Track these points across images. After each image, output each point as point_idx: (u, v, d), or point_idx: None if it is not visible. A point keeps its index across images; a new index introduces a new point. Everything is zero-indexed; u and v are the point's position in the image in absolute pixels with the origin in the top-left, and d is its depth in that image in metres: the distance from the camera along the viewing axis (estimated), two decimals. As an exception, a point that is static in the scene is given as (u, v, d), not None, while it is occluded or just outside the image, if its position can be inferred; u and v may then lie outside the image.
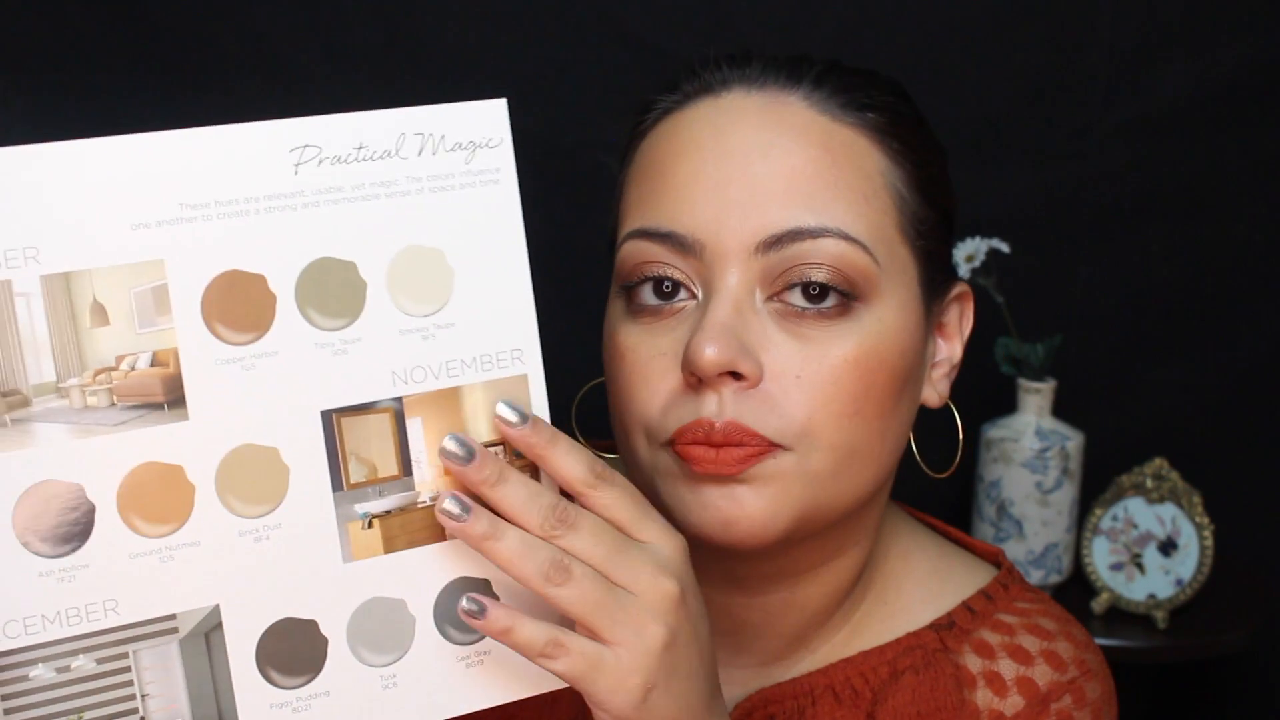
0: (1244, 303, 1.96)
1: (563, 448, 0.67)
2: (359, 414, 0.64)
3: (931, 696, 0.86)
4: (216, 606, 0.63)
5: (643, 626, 0.66)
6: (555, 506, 0.66)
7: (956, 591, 0.90)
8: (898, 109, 0.83)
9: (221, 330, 0.62)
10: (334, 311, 0.63)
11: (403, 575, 0.65)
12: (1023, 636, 0.88)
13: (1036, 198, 1.89)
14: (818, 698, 0.86)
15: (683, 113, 0.82)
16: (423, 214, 0.64)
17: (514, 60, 1.87)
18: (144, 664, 0.62)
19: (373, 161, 0.63)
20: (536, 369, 0.67)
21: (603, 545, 0.67)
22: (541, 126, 1.89)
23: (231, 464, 0.62)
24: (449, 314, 0.65)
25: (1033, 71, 1.88)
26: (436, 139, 0.65)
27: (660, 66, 1.84)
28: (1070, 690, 0.86)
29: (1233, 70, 1.87)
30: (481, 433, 0.66)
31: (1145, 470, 1.82)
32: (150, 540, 0.62)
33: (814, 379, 0.77)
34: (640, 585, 0.67)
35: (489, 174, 0.66)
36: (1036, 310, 1.85)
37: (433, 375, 0.65)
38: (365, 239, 0.63)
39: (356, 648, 0.65)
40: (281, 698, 0.64)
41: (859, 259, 0.77)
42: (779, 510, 0.77)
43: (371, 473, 0.64)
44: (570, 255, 1.89)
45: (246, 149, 0.61)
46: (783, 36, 1.86)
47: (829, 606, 0.87)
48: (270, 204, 0.61)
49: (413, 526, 0.65)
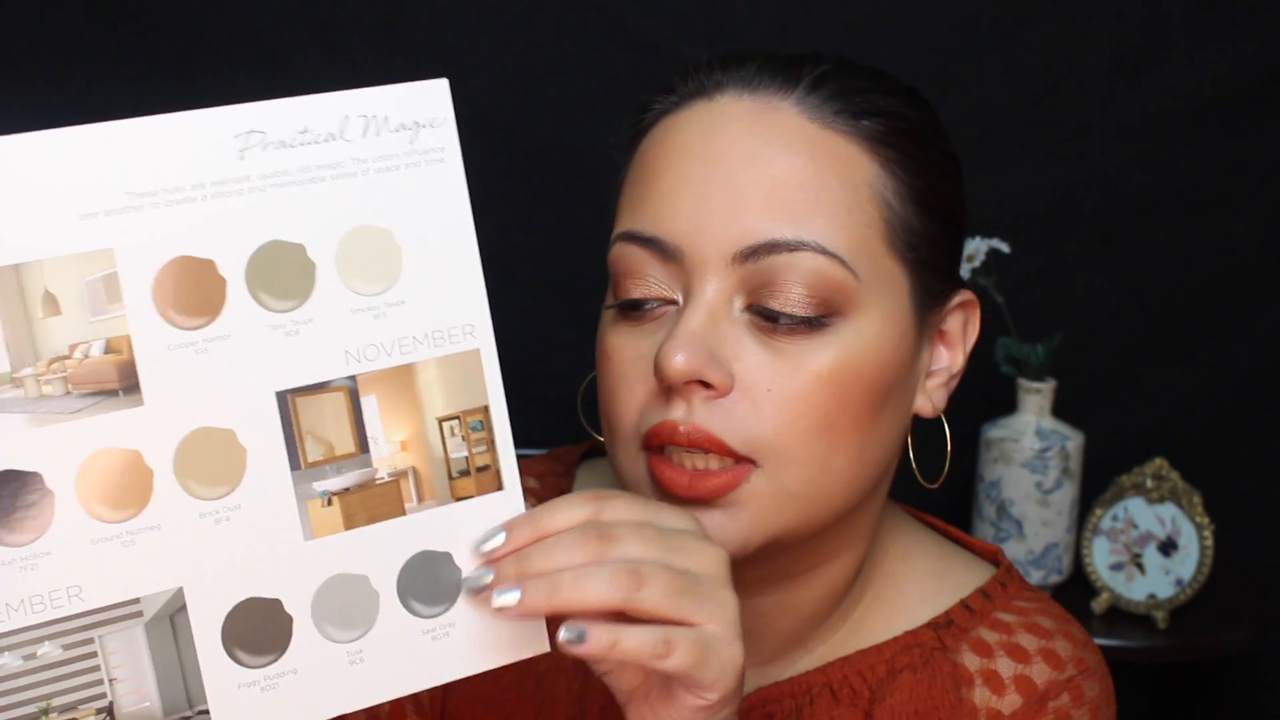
0: (1244, 303, 1.96)
1: (545, 515, 0.67)
2: (314, 393, 0.64)
3: (929, 695, 0.86)
4: (180, 589, 0.63)
5: (721, 597, 0.67)
6: (584, 532, 0.65)
7: (955, 590, 0.90)
8: (902, 115, 0.81)
9: (173, 316, 0.62)
10: (285, 293, 0.64)
11: (364, 551, 0.66)
12: (1021, 635, 0.88)
13: (1036, 198, 1.89)
14: (815, 696, 0.86)
15: (677, 115, 0.82)
16: (369, 194, 0.65)
17: (514, 60, 1.87)
18: (110, 649, 0.62)
19: (318, 145, 0.64)
20: (489, 343, 0.68)
21: (650, 540, 0.66)
22: (542, 126, 1.89)
23: (189, 447, 0.63)
24: (399, 292, 0.66)
25: (1033, 71, 1.88)
26: (380, 120, 0.65)
27: (660, 66, 1.84)
28: (1068, 689, 0.86)
29: (1233, 70, 1.87)
30: (436, 406, 0.67)
31: (1145, 470, 1.82)
32: (111, 525, 0.62)
33: (785, 392, 0.76)
34: (699, 561, 0.67)
35: (433, 153, 0.67)
36: (1036, 310, 1.85)
37: (385, 353, 0.66)
38: (313, 221, 0.64)
39: (321, 625, 0.65)
40: (249, 677, 0.64)
41: (836, 273, 0.76)
42: (751, 533, 0.77)
43: (328, 451, 0.65)
44: (571, 255, 1.89)
45: (192, 136, 0.62)
46: (782, 37, 1.86)
47: (824, 609, 0.87)
48: (217, 190, 0.62)
49: (372, 502, 0.66)
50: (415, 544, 0.67)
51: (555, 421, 1.87)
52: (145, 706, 0.63)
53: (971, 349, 0.87)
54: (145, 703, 0.63)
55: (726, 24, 1.85)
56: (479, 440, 0.68)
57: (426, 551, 0.67)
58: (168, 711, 0.64)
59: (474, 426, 0.68)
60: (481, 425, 0.68)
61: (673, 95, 0.83)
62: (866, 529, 0.86)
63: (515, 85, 1.88)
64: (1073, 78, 1.88)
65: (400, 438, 0.67)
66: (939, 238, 0.82)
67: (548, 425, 1.88)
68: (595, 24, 1.87)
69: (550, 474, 0.95)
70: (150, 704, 0.63)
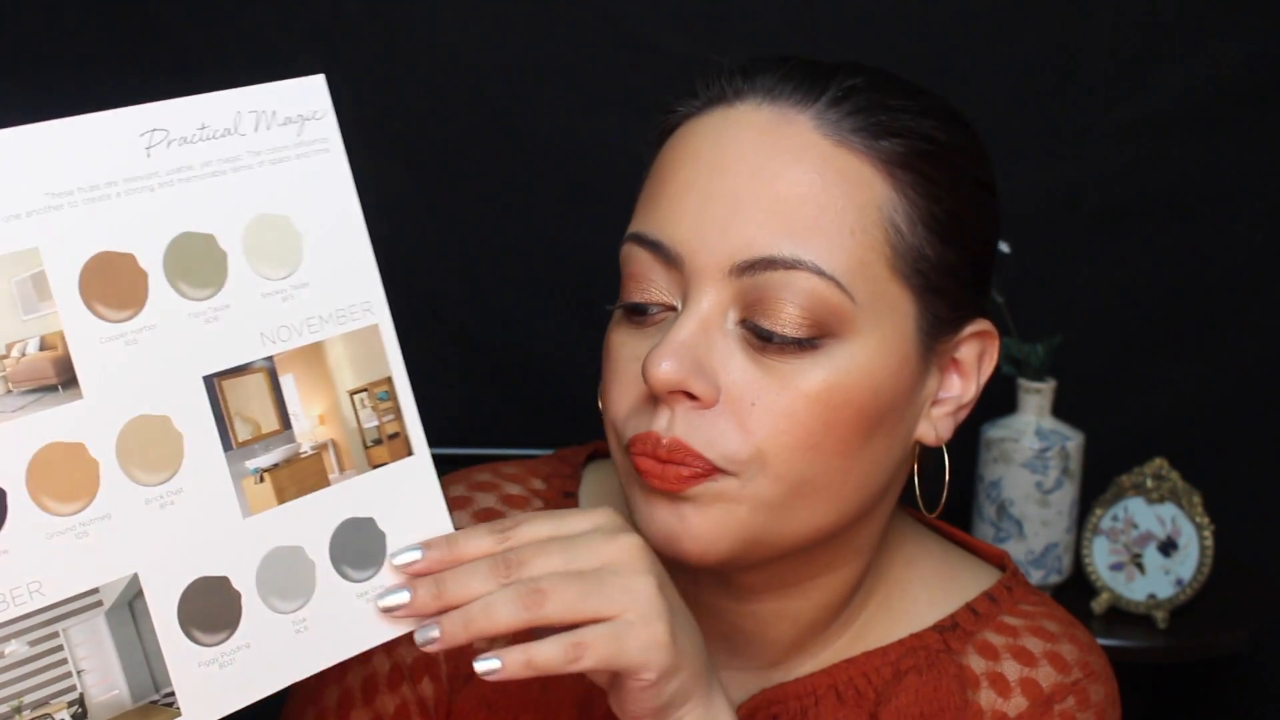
0: (1244, 303, 1.96)
1: (460, 540, 0.71)
2: (237, 376, 0.68)
3: (935, 697, 0.86)
4: (135, 575, 0.65)
5: (631, 584, 0.69)
6: (494, 562, 0.69)
7: (961, 594, 0.90)
8: (929, 137, 0.79)
9: (101, 310, 0.64)
10: (201, 282, 0.67)
11: (297, 523, 0.69)
12: (1027, 638, 0.88)
13: (1036, 198, 1.89)
14: (820, 698, 0.86)
15: (696, 120, 0.81)
16: (266, 184, 0.68)
17: (514, 60, 1.87)
18: (75, 641, 0.63)
19: (215, 140, 0.67)
20: (385, 318, 0.72)
21: (554, 553, 0.69)
22: (542, 126, 1.89)
23: (128, 436, 0.65)
24: (303, 275, 0.69)
25: (1033, 71, 1.88)
26: (269, 115, 0.69)
27: (660, 66, 1.84)
28: (1074, 692, 0.86)
29: (1233, 70, 1.87)
30: (346, 380, 0.71)
31: (1145, 470, 1.82)
32: (64, 519, 0.63)
33: (770, 409, 0.76)
34: (606, 556, 0.69)
35: (319, 143, 0.70)
36: (1036, 310, 1.85)
37: (296, 333, 0.69)
38: (219, 212, 0.67)
39: (267, 597, 0.68)
40: (208, 655, 0.67)
41: (832, 295, 0.75)
42: (721, 532, 0.77)
43: (256, 430, 0.68)
44: (572, 254, 1.89)
45: (101, 136, 0.64)
46: (782, 37, 1.86)
47: (824, 618, 0.87)
48: (129, 186, 0.65)
49: (300, 476, 0.69)
50: (341, 512, 0.70)
51: (556, 422, 1.87)
52: (114, 695, 0.64)
53: (986, 380, 0.85)
54: (114, 691, 0.64)
55: (726, 24, 1.85)
56: (387, 409, 0.72)
57: (352, 519, 0.70)
58: (136, 697, 0.65)
59: (381, 397, 0.72)
60: (388, 395, 0.72)
61: (697, 99, 0.82)
62: (865, 544, 0.86)
63: (515, 85, 1.88)
64: (1073, 78, 1.88)
65: (318, 412, 0.70)
66: (955, 265, 0.80)
67: (549, 425, 1.88)
68: (595, 24, 1.87)
69: (556, 475, 0.95)
70: (119, 692, 0.65)
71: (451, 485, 0.94)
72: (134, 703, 0.65)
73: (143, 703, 0.65)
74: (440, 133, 1.89)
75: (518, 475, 0.95)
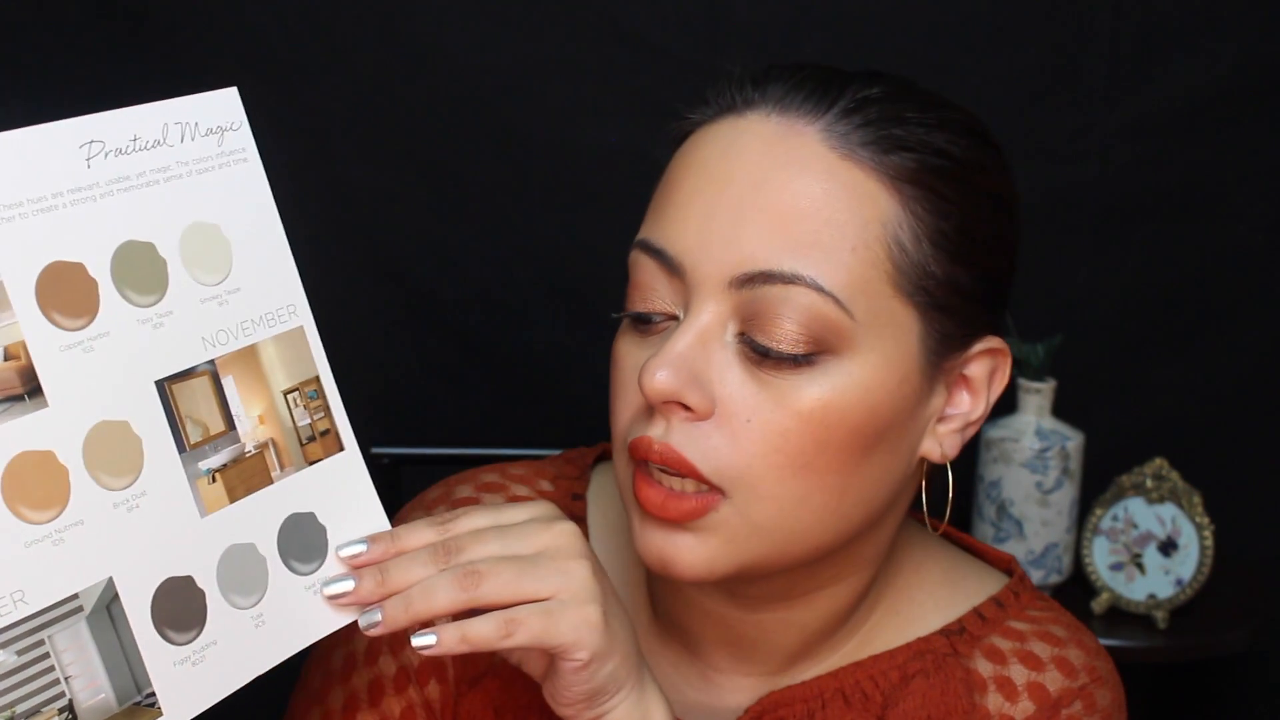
0: (1244, 303, 1.96)
1: (404, 534, 0.73)
2: (185, 380, 0.70)
3: (942, 700, 0.86)
4: (110, 579, 0.66)
5: (565, 567, 0.71)
6: (434, 550, 0.71)
7: (968, 599, 0.90)
8: (944, 152, 0.78)
9: (58, 318, 0.66)
10: (146, 289, 0.69)
11: (248, 520, 0.71)
12: (1034, 643, 0.88)
13: (1036, 198, 1.89)
14: (827, 701, 0.86)
15: (707, 129, 0.81)
16: (195, 193, 0.71)
17: (514, 60, 1.87)
18: (60, 647, 0.64)
19: (147, 150, 0.69)
20: (309, 320, 0.74)
21: (492, 540, 0.71)
22: (542, 126, 1.89)
23: (93, 442, 0.66)
24: (234, 280, 0.72)
25: (1033, 71, 1.88)
26: (193, 126, 0.71)
27: (660, 66, 1.84)
28: (1081, 696, 0.86)
29: (1233, 70, 1.87)
30: (280, 381, 0.73)
31: (1145, 470, 1.82)
32: (40, 527, 0.64)
33: (763, 426, 0.76)
34: (542, 541, 0.72)
35: (238, 153, 0.72)
36: (1036, 310, 1.85)
37: (233, 336, 0.72)
38: (156, 220, 0.69)
39: (228, 594, 0.70)
40: (181, 654, 0.68)
41: (830, 312, 0.75)
42: (716, 560, 0.78)
43: (205, 432, 0.70)
44: (571, 255, 1.89)
45: (44, 149, 0.66)
46: (783, 36, 1.86)
47: (830, 626, 0.87)
48: (73, 197, 0.66)
49: (247, 474, 0.71)
50: (285, 508, 0.73)
51: (556, 422, 1.87)
52: (101, 699, 0.65)
53: (998, 398, 0.84)
54: (101, 695, 0.65)
55: (727, 24, 1.85)
56: (317, 408, 0.75)
57: (295, 514, 0.73)
58: (121, 700, 0.66)
59: (311, 395, 0.74)
60: (317, 394, 0.75)
61: (709, 107, 0.82)
62: (872, 556, 0.86)
63: (515, 86, 1.87)
64: (1073, 78, 1.88)
65: (257, 412, 0.72)
66: (964, 283, 0.79)
67: (549, 425, 1.88)
68: (595, 24, 1.86)
69: (563, 476, 0.95)
70: (105, 695, 0.66)
71: (459, 486, 0.94)
72: (120, 705, 0.66)
73: (127, 705, 0.66)
74: (440, 133, 1.89)
75: (525, 476, 0.95)
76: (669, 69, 1.83)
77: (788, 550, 0.79)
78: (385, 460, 1.72)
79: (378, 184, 1.91)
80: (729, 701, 0.88)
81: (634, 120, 1.77)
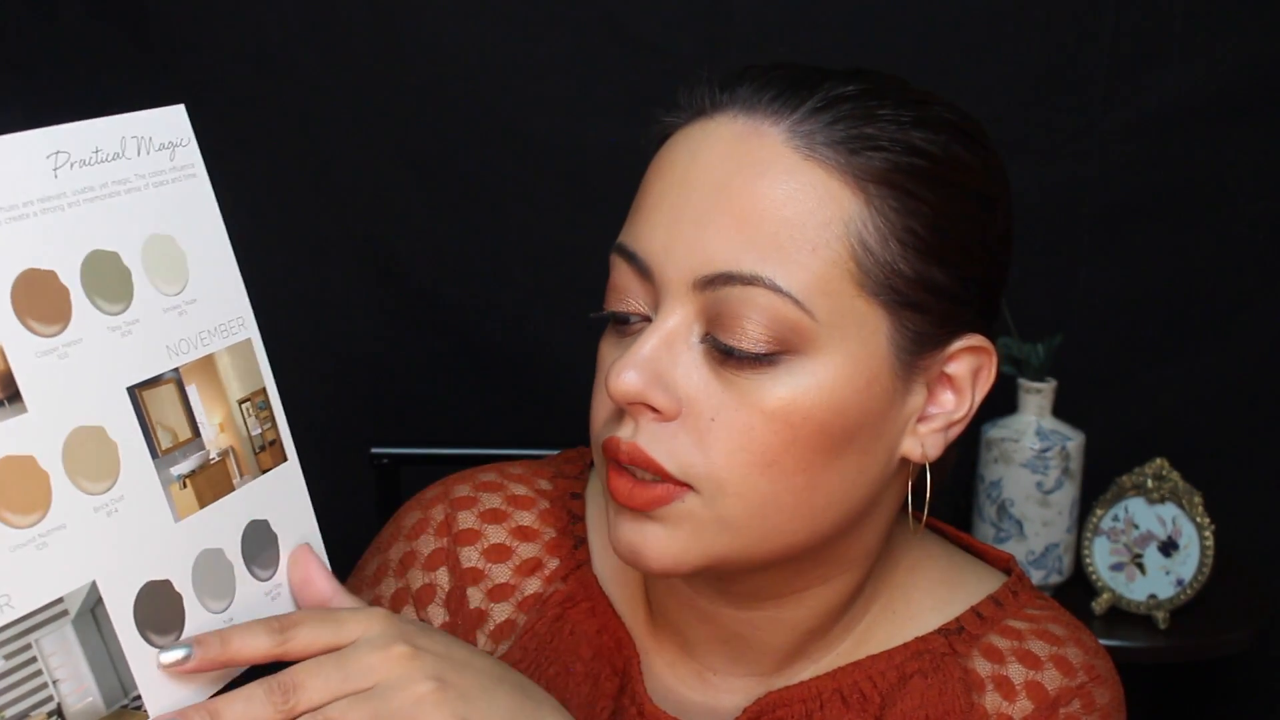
0: (1244, 303, 1.96)
1: (234, 640, 0.70)
2: (153, 387, 0.71)
3: (940, 700, 0.85)
4: (94, 582, 0.67)
5: (414, 693, 0.69)
6: (269, 689, 0.68)
7: (966, 598, 0.90)
8: (919, 151, 0.78)
9: (33, 325, 0.66)
10: (113, 297, 0.70)
11: (216, 526, 0.73)
12: (1032, 642, 0.88)
13: (1036, 198, 1.89)
14: (825, 702, 0.86)
15: (681, 132, 0.81)
16: (152, 206, 0.72)
17: (514, 59, 1.87)
18: (48, 651, 0.65)
19: (108, 162, 0.70)
20: (254, 332, 0.76)
21: (330, 677, 0.69)
22: (542, 126, 1.89)
23: (72, 447, 0.67)
24: (191, 291, 0.73)
25: (1033, 71, 1.88)
26: (147, 140, 0.72)
27: (660, 66, 1.84)
28: (1079, 695, 0.86)
29: (1233, 70, 1.87)
30: (235, 390, 0.75)
31: (1145, 470, 1.82)
32: (24, 531, 0.64)
33: (728, 425, 0.76)
34: (381, 672, 0.69)
35: (188, 169, 0.74)
36: (1036, 310, 1.85)
37: (193, 346, 0.73)
38: (118, 231, 0.70)
39: (203, 598, 0.71)
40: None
41: (789, 313, 0.75)
42: (685, 551, 0.78)
43: (174, 438, 0.71)
44: (571, 255, 1.89)
45: (13, 159, 0.66)
46: (783, 36, 1.86)
47: (823, 624, 0.87)
48: (43, 206, 0.67)
49: (213, 481, 0.73)
50: (246, 514, 0.74)
51: (556, 422, 1.87)
52: (89, 702, 0.66)
53: (983, 397, 0.84)
54: (89, 698, 0.66)
55: (727, 24, 1.85)
56: (265, 418, 0.77)
57: (254, 520, 0.75)
58: (109, 703, 0.67)
59: (260, 406, 0.76)
60: (265, 404, 0.76)
61: (683, 111, 0.82)
62: (859, 556, 0.86)
63: (515, 85, 1.88)
64: (1073, 78, 1.88)
65: (218, 420, 0.74)
66: (939, 281, 0.78)
67: (549, 425, 1.88)
68: (595, 24, 1.87)
69: (562, 476, 0.95)
70: (93, 698, 0.66)
71: (458, 485, 0.94)
72: (108, 708, 0.66)
73: (115, 708, 0.67)
74: (440, 132, 1.89)
75: (523, 476, 0.95)
76: (669, 69, 1.83)
77: (759, 547, 0.79)
78: (385, 460, 1.72)
79: (377, 184, 1.91)
80: (725, 702, 0.88)
81: (634, 120, 1.77)
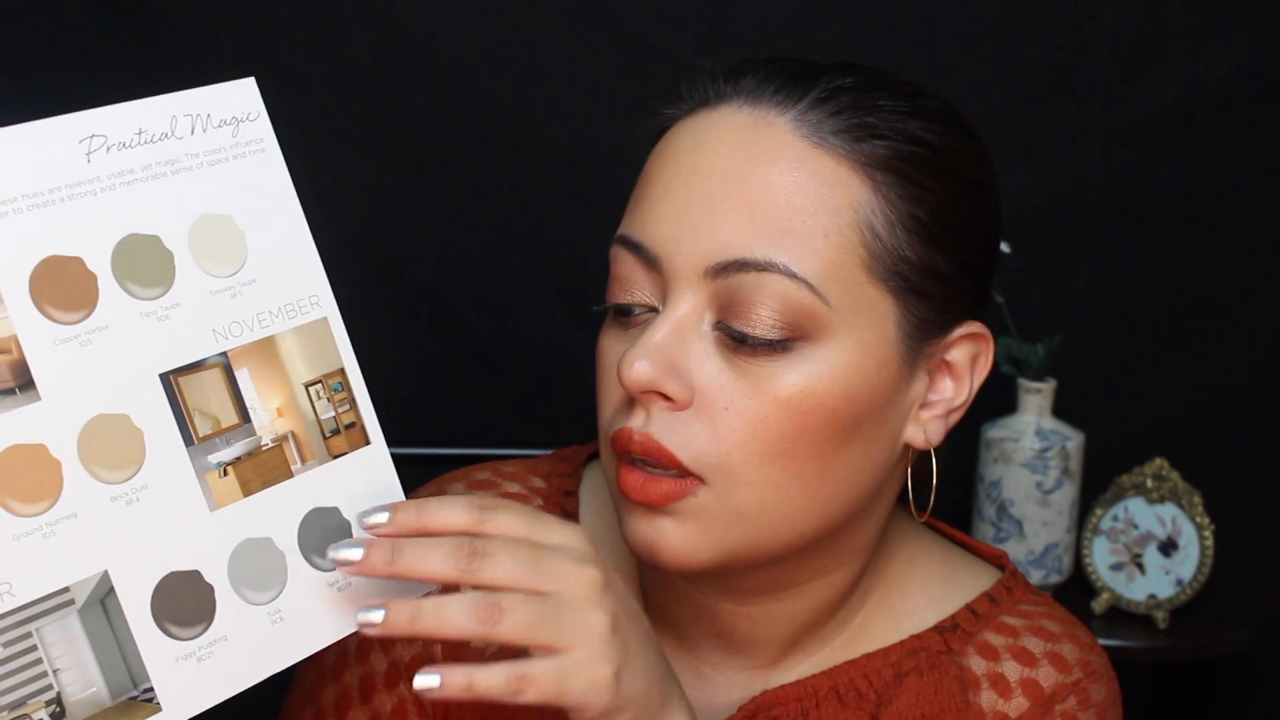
0: (1244, 303, 1.96)
1: (433, 508, 0.68)
2: (193, 372, 0.69)
3: (936, 698, 0.86)
4: (105, 572, 0.66)
5: (586, 621, 0.68)
6: (459, 545, 0.67)
7: (960, 595, 0.90)
8: (918, 140, 0.79)
9: (53, 312, 0.65)
10: (150, 282, 0.68)
11: (264, 514, 0.70)
12: (1027, 638, 0.88)
13: (1036, 198, 1.89)
14: (821, 700, 0.86)
15: (681, 124, 0.82)
16: (206, 185, 0.70)
17: (514, 59, 1.87)
18: (49, 640, 0.64)
19: (153, 144, 0.69)
20: (333, 310, 0.73)
21: (520, 562, 0.67)
22: (542, 126, 1.89)
23: (89, 435, 0.66)
24: (249, 271, 0.71)
25: (1033, 71, 1.88)
26: (204, 118, 0.70)
27: (660, 66, 1.84)
28: (1075, 692, 0.86)
29: (1233, 70, 1.87)
30: (300, 373, 0.72)
31: (1145, 470, 1.82)
32: (30, 520, 0.64)
33: (741, 413, 0.76)
34: (568, 584, 0.68)
35: (255, 144, 0.72)
36: (1036, 310, 1.85)
37: (248, 328, 0.71)
38: (162, 213, 0.69)
39: (240, 589, 0.69)
40: (184, 649, 0.67)
41: (804, 298, 0.76)
42: (698, 545, 0.78)
43: (216, 425, 0.69)
44: (571, 255, 1.89)
45: (41, 144, 0.66)
46: (783, 36, 1.86)
47: (820, 617, 0.87)
48: (72, 191, 0.66)
49: (263, 468, 0.70)
50: (307, 502, 0.71)
51: (556, 422, 1.87)
52: (92, 692, 0.65)
53: (981, 383, 0.85)
54: (92, 688, 0.65)
55: (726, 24, 1.85)
56: (342, 400, 0.73)
57: (317, 508, 0.72)
58: (114, 694, 0.66)
59: (335, 388, 0.73)
60: (342, 386, 0.73)
61: (684, 103, 0.83)
62: (861, 546, 0.86)
63: (516, 85, 1.88)
64: (1073, 78, 1.88)
65: (276, 405, 0.71)
66: (940, 268, 0.80)
67: (548, 425, 1.88)
68: (595, 24, 1.87)
69: (556, 474, 0.95)
70: (96, 689, 0.65)
71: (451, 484, 0.94)
72: (113, 699, 0.65)
73: (121, 699, 0.66)
74: (440, 133, 1.89)
75: (517, 474, 0.95)
76: (669, 69, 1.83)
77: (772, 538, 0.79)
78: (385, 460, 1.72)
79: (378, 184, 1.91)
80: (721, 698, 0.89)
81: (634, 120, 1.77)
